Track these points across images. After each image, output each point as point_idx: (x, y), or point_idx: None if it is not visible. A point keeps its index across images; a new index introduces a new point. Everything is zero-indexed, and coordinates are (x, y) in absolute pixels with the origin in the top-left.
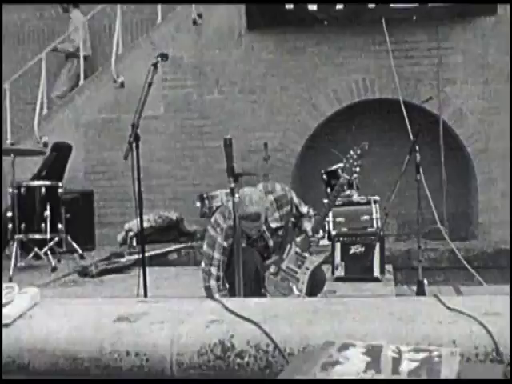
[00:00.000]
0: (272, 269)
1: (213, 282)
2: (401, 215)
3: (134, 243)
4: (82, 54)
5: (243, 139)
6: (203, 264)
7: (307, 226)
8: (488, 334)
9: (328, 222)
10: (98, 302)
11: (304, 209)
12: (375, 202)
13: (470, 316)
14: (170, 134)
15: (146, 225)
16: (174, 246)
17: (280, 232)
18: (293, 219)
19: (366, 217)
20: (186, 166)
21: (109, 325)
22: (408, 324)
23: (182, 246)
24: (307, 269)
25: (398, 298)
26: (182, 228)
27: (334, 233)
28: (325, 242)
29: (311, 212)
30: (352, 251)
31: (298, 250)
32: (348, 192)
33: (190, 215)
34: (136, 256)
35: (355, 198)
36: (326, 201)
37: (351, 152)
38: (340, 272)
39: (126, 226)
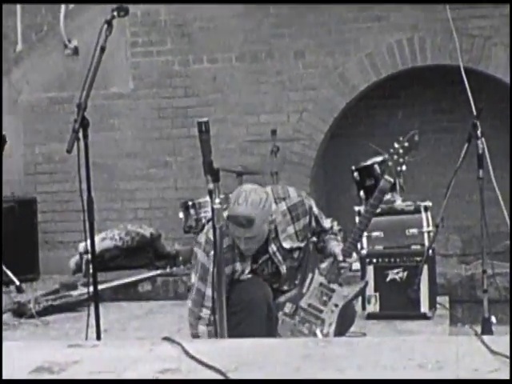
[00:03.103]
0: (287, 308)
1: (202, 328)
2: (465, 228)
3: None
4: None
5: (243, 125)
6: (191, 303)
7: (334, 246)
8: None
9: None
10: (14, 346)
11: (326, 222)
12: (426, 209)
13: None
14: (143, 118)
15: (108, 244)
16: (146, 274)
17: (296, 254)
18: (314, 238)
19: (414, 230)
20: (165, 163)
21: (22, 378)
22: (431, 372)
23: (158, 272)
24: (336, 306)
25: (424, 338)
26: (158, 248)
27: (363, 252)
28: (356, 265)
29: (335, 227)
30: (390, 277)
31: (322, 280)
32: (389, 196)
33: (170, 230)
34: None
35: (399, 203)
36: (358, 208)
37: (395, 145)
38: (373, 307)
39: (81, 247)
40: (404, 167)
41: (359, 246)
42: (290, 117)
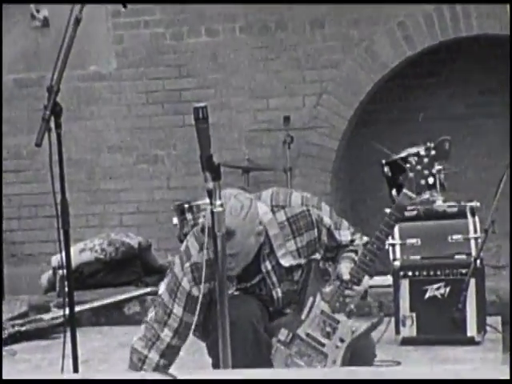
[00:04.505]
0: (282, 334)
1: (153, 355)
2: None
3: None
4: None
5: (250, 110)
6: (151, 315)
7: (343, 267)
8: None
9: (393, 246)
10: None
11: (343, 235)
12: (473, 211)
13: None
14: (129, 104)
15: (88, 256)
16: (134, 292)
17: (296, 275)
18: (318, 255)
19: (458, 236)
20: (155, 158)
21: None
22: None
23: (148, 290)
24: (342, 341)
25: (471, 368)
26: (148, 261)
27: (396, 264)
28: (387, 279)
29: (358, 240)
30: (429, 294)
31: (325, 307)
32: (427, 196)
33: (162, 239)
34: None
35: (439, 204)
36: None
37: (420, 152)
38: (409, 330)
39: (55, 261)
40: (431, 180)
41: (391, 256)
42: (305, 100)
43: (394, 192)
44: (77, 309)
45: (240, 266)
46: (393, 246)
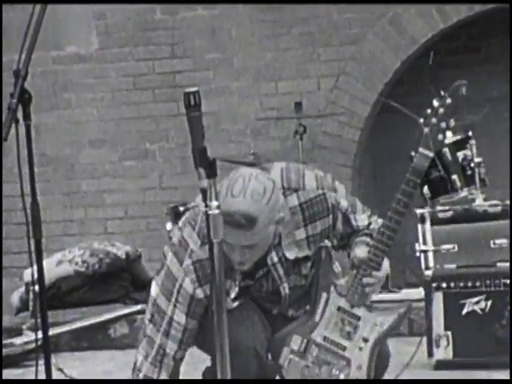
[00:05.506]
0: (295, 343)
1: (164, 377)
2: None
3: None
4: None
5: (255, 96)
6: (148, 325)
7: (358, 252)
8: None
9: (425, 253)
10: None
11: (360, 219)
12: None
13: None
14: (113, 90)
15: (66, 270)
16: (121, 311)
17: (304, 269)
18: (329, 242)
19: (502, 241)
20: (145, 153)
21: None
22: None
23: (138, 308)
24: (365, 340)
25: None
26: (137, 274)
27: (428, 273)
28: (418, 292)
29: (375, 224)
30: (468, 309)
31: (342, 303)
32: (464, 193)
33: (153, 248)
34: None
35: (479, 203)
36: (420, 212)
37: (434, 103)
38: (444, 351)
39: (28, 275)
40: (449, 134)
41: (423, 264)
42: (321, 83)
43: (425, 189)
44: (54, 331)
45: (253, 259)
46: (425, 252)
